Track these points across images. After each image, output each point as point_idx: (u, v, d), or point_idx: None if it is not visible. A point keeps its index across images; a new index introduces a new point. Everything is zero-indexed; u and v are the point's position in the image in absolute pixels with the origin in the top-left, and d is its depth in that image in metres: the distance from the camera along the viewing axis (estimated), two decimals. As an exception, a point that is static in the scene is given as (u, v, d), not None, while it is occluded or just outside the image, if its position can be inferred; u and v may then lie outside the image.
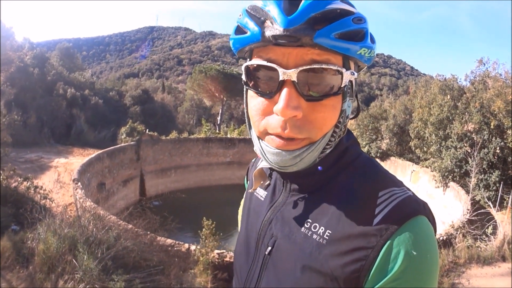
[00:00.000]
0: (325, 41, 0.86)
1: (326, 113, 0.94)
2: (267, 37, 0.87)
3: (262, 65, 0.93)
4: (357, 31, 0.92)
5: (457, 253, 9.73)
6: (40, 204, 9.98)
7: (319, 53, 0.89)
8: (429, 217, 0.95)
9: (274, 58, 0.91)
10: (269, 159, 0.99)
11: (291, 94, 0.89)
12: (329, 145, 1.00)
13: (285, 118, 0.91)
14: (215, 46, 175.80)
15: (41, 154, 19.19)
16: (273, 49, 0.91)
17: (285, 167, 0.97)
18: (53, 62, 33.80)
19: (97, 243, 6.93)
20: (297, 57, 0.89)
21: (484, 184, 15.52)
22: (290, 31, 0.84)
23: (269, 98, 0.94)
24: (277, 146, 0.95)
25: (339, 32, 0.87)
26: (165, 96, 49.38)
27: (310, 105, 0.92)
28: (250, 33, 0.91)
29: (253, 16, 0.92)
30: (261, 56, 0.94)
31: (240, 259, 1.21)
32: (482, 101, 16.49)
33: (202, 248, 8.36)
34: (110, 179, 18.20)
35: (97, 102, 31.00)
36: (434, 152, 18.19)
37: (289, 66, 0.90)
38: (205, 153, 25.18)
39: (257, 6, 0.92)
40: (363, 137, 23.31)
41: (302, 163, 0.97)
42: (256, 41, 0.90)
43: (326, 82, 0.92)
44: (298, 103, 0.90)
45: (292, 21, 0.85)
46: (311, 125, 0.93)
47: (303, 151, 0.95)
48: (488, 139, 15.78)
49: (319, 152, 0.98)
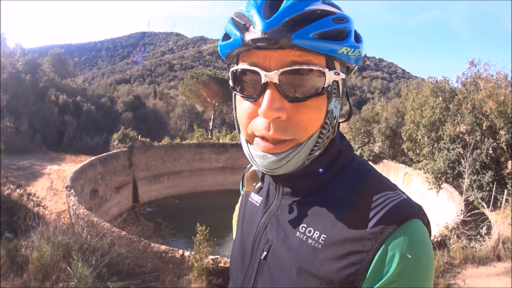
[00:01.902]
0: (303, 42, 0.87)
1: (310, 114, 0.94)
2: (246, 41, 0.89)
3: (246, 69, 0.94)
4: (338, 30, 0.92)
5: (452, 254, 9.72)
6: (33, 212, 9.93)
7: (299, 54, 0.90)
8: (424, 220, 0.96)
9: (256, 62, 0.93)
10: (256, 162, 1.00)
11: (274, 96, 0.91)
12: (316, 146, 0.99)
13: (268, 119, 0.92)
14: (206, 51, 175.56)
15: (34, 161, 19.09)
16: (256, 53, 0.93)
17: (272, 169, 0.98)
18: (45, 69, 33.67)
19: (91, 250, 6.90)
20: (278, 60, 0.90)
21: (477, 185, 15.62)
22: (268, 33, 0.86)
23: (254, 101, 0.95)
24: (263, 150, 0.96)
25: (318, 32, 0.88)
26: (157, 102, 49.47)
27: (294, 107, 0.93)
28: (233, 38, 0.94)
29: (237, 22, 0.94)
30: (245, 60, 0.96)
31: (236, 264, 1.22)
32: (474, 102, 16.61)
33: (196, 254, 8.32)
34: (103, 186, 18.11)
35: (89, 108, 30.84)
36: (426, 154, 18.31)
37: (271, 68, 0.91)
38: (197, 159, 25.10)
39: (240, 13, 0.95)
40: (355, 141, 23.33)
41: (289, 165, 0.97)
42: (238, 46, 0.92)
43: (309, 82, 0.92)
44: (281, 104, 0.91)
45: (270, 24, 0.86)
46: (296, 126, 0.94)
47: (289, 153, 0.95)
48: (481, 140, 15.90)
49: (306, 154, 0.98)
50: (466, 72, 19.30)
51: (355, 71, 1.13)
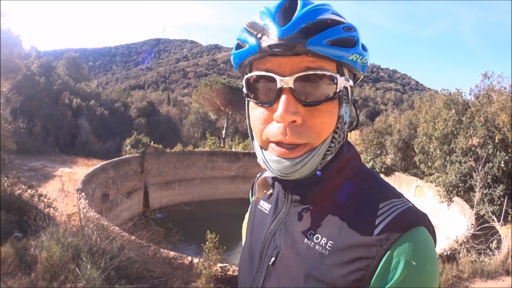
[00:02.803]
0: (317, 48, 0.92)
1: (323, 118, 0.98)
2: (263, 47, 0.93)
3: (261, 75, 0.98)
4: (347, 38, 0.98)
5: (461, 268, 9.77)
6: (44, 212, 9.98)
7: (313, 60, 0.95)
8: (429, 228, 0.98)
9: (271, 68, 0.97)
10: (271, 167, 1.02)
11: (289, 100, 0.94)
12: (329, 151, 1.03)
13: (284, 123, 0.95)
14: (220, 59, 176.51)
15: (46, 162, 19.24)
16: (270, 60, 0.97)
17: (287, 174, 1.00)
18: (59, 72, 34.05)
19: (100, 253, 6.95)
20: (293, 66, 0.95)
21: (488, 199, 15.58)
22: (284, 40, 0.91)
23: (268, 106, 0.99)
24: (278, 155, 0.99)
25: (330, 39, 0.93)
26: (171, 109, 49.63)
27: (308, 111, 0.97)
28: (248, 45, 0.98)
29: (251, 31, 0.98)
30: (259, 68, 1.00)
31: (244, 270, 1.24)
32: (487, 115, 16.59)
33: (205, 261, 8.38)
34: (114, 190, 18.21)
35: (102, 112, 31.09)
36: (438, 167, 18.29)
37: (286, 74, 0.95)
38: (209, 167, 25.13)
39: (254, 22, 0.99)
40: (367, 152, 23.36)
41: (304, 169, 0.99)
42: (254, 52, 0.97)
43: (322, 88, 0.97)
44: (296, 108, 0.95)
45: (285, 31, 0.91)
46: (310, 130, 0.97)
47: (304, 157, 0.98)
48: (493, 153, 15.88)
49: (320, 158, 1.01)
50: (479, 85, 19.38)
51: (368, 82, 1.13)
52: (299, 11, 0.94)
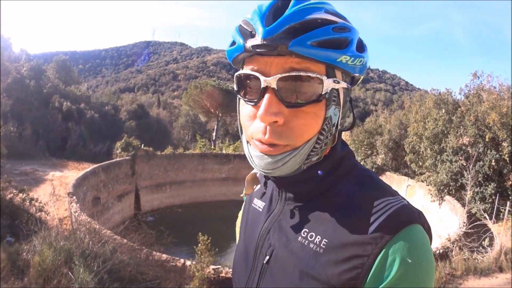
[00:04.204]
0: (301, 49, 0.90)
1: (307, 119, 0.97)
2: (247, 47, 0.93)
3: (247, 73, 0.98)
4: (339, 39, 0.95)
5: (454, 266, 9.75)
6: (35, 216, 9.93)
7: (298, 61, 0.93)
8: (424, 225, 0.97)
9: (257, 67, 0.96)
10: (255, 162, 1.02)
11: (271, 101, 0.93)
12: (313, 151, 1.01)
13: (264, 123, 0.95)
14: (210, 61, 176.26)
15: (36, 166, 19.11)
16: (258, 59, 0.96)
17: (269, 170, 1.00)
18: (49, 75, 33.79)
19: (93, 257, 6.92)
20: (278, 66, 0.94)
21: (480, 197, 15.61)
22: (267, 40, 0.90)
23: (254, 104, 0.99)
24: (261, 151, 0.99)
25: (316, 40, 0.91)
26: (161, 111, 49.69)
27: (292, 112, 0.95)
28: (237, 44, 0.98)
29: (243, 29, 0.97)
30: (248, 66, 0.99)
31: (239, 269, 1.23)
32: (477, 114, 16.62)
33: (198, 264, 8.35)
34: (105, 194, 18.10)
35: (92, 116, 30.88)
36: (429, 166, 18.30)
37: (271, 74, 0.94)
38: (200, 169, 25.07)
39: (246, 21, 0.98)
40: (358, 153, 23.31)
41: (285, 167, 0.99)
42: (240, 51, 0.97)
43: (307, 89, 0.95)
44: (279, 109, 0.94)
45: (269, 31, 0.90)
46: (291, 132, 0.96)
47: (285, 156, 0.97)
48: (483, 152, 15.91)
49: (302, 158, 1.00)
50: (469, 84, 19.41)
51: (358, 83, 1.15)
52: (288, 10, 0.93)
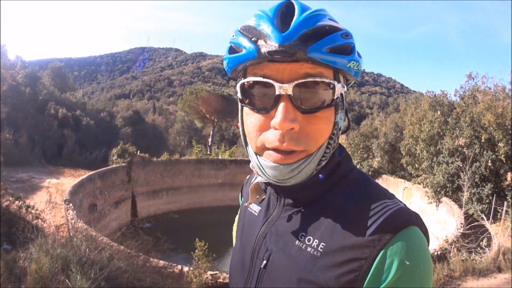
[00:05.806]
0: (318, 55, 0.91)
1: (321, 125, 0.98)
2: (263, 53, 0.91)
3: (257, 81, 0.97)
4: (345, 45, 0.97)
5: (452, 267, 9.74)
6: (32, 224, 9.92)
7: (312, 67, 0.94)
8: (422, 227, 0.98)
9: (269, 74, 0.95)
10: (267, 173, 1.01)
11: (288, 108, 0.93)
12: (324, 156, 1.03)
13: (283, 131, 0.94)
14: (205, 67, 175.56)
15: (32, 174, 19.01)
16: (268, 66, 0.95)
17: (283, 180, 1.00)
18: (44, 82, 33.61)
19: (90, 264, 6.90)
20: (292, 72, 0.94)
21: (477, 198, 15.63)
22: (285, 46, 0.89)
23: (265, 113, 0.98)
24: (274, 161, 0.98)
25: (329, 46, 0.93)
26: (156, 118, 49.56)
27: (306, 118, 0.96)
28: (246, 51, 0.96)
29: (248, 36, 0.96)
30: (255, 73, 0.98)
31: (236, 274, 1.23)
32: (472, 115, 16.68)
33: (195, 270, 8.33)
34: (101, 201, 18.02)
35: (88, 123, 30.73)
36: (425, 168, 18.33)
37: (284, 80, 0.94)
38: (196, 175, 24.97)
39: (250, 26, 0.97)
40: (354, 156, 23.22)
41: (300, 175, 0.99)
42: (252, 58, 0.94)
43: (320, 94, 0.96)
44: (295, 116, 0.94)
45: (286, 37, 0.90)
46: (308, 137, 0.96)
47: (300, 163, 0.98)
48: (480, 153, 15.95)
49: (315, 164, 1.01)
50: (464, 86, 19.51)
51: (354, 86, 1.16)
52: (298, 17, 0.93)
